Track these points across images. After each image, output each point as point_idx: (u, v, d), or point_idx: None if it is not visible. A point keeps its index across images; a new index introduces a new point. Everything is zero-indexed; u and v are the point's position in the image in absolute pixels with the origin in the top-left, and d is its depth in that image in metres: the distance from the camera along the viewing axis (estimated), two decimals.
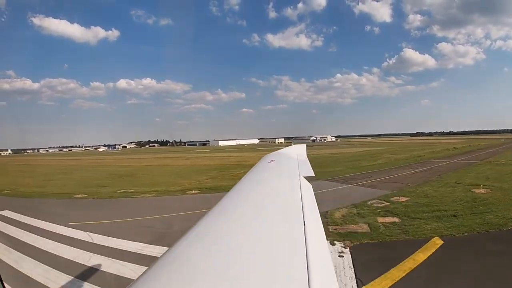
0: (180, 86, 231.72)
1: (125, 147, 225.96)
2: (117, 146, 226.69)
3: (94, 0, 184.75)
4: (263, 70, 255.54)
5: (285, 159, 3.36)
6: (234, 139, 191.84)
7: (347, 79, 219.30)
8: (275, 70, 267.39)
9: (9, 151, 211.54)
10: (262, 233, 1.21)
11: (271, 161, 3.12)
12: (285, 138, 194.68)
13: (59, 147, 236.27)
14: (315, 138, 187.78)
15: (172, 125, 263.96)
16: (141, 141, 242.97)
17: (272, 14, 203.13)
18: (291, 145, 6.79)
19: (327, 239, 1.27)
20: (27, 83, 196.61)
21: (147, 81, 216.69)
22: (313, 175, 2.47)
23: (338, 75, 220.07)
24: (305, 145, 5.09)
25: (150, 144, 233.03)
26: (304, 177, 2.19)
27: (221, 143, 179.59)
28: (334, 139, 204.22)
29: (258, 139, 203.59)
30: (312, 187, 2.01)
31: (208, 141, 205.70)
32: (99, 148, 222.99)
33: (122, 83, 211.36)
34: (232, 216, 1.45)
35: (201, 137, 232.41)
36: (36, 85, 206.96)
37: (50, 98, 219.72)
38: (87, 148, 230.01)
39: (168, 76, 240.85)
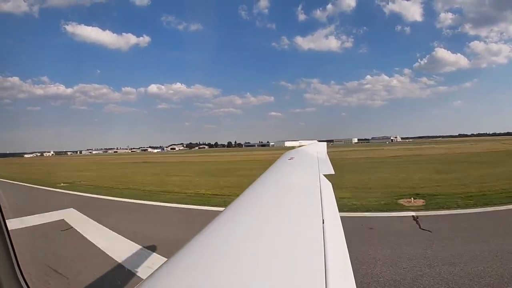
0: (210, 90, 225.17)
1: (174, 148, 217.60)
2: (165, 148, 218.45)
3: (126, 7, 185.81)
4: (292, 73, 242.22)
5: (304, 156, 3.26)
6: (297, 140, 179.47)
7: (378, 80, 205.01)
8: (304, 73, 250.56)
9: (52, 152, 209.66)
10: (280, 230, 1.18)
11: (291, 158, 3.02)
12: (360, 139, 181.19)
13: (103, 148, 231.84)
14: (393, 138, 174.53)
15: (201, 129, 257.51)
16: (182, 143, 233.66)
17: (301, 17, 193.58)
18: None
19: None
20: (61, 89, 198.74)
21: (177, 86, 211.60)
22: (333, 172, 2.31)
23: (368, 76, 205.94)
24: (325, 143, 4.48)
25: (200, 146, 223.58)
26: (324, 175, 2.09)
27: (287, 143, 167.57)
28: (400, 139, 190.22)
29: (320, 140, 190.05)
30: None
31: (263, 143, 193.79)
32: (146, 149, 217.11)
33: (153, 88, 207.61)
34: (250, 213, 1.45)
35: (230, 139, 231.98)
36: (69, 91, 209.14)
37: (83, 103, 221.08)
38: (133, 149, 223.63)
39: (198, 81, 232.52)
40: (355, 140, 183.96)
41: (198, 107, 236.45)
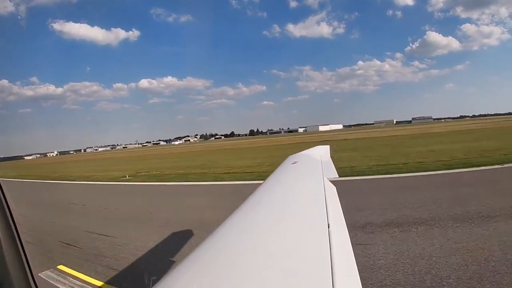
0: (202, 82, 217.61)
1: (188, 140, 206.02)
2: (178, 141, 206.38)
3: (113, 2, 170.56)
4: (284, 62, 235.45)
5: (308, 160, 3.19)
6: (327, 124, 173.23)
7: (370, 65, 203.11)
8: (296, 60, 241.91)
9: (56, 152, 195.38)
10: (286, 236, 1.20)
11: (295, 162, 2.98)
12: (398, 121, 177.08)
13: (110, 145, 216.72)
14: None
15: (195, 122, 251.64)
16: (187, 135, 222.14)
17: (293, 4, 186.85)
18: None
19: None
20: (51, 89, 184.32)
21: (168, 79, 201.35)
22: (337, 176, 2.38)
23: (360, 62, 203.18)
24: (328, 146, 4.31)
25: (216, 137, 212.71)
26: (328, 178, 2.12)
27: (321, 128, 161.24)
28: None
29: (351, 125, 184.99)
30: None
31: (282, 129, 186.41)
32: (158, 143, 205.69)
33: (144, 82, 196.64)
34: (255, 219, 1.45)
35: (225, 131, 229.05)
36: (59, 90, 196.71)
37: (75, 101, 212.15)
38: (144, 144, 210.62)
39: (189, 73, 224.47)
40: (394, 121, 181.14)
41: (191, 99, 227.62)
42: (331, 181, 2.00)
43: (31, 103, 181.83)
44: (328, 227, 1.16)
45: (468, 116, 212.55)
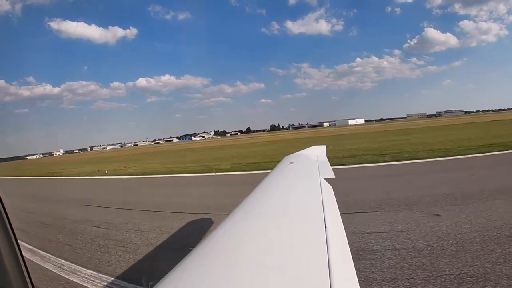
0: (200, 80, 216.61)
1: (203, 137, 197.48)
2: (192, 138, 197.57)
3: (111, 0, 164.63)
4: (283, 59, 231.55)
5: (305, 160, 3.20)
6: (354, 119, 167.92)
7: (368, 62, 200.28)
8: (295, 58, 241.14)
9: (61, 151, 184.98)
10: (283, 236, 1.20)
11: (291, 162, 2.98)
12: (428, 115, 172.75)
13: (119, 143, 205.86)
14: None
15: (192, 120, 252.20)
16: (200, 132, 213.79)
17: (292, 1, 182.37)
18: None
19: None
20: (48, 88, 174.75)
21: (166, 77, 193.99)
22: (334, 176, 2.30)
23: (358, 59, 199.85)
24: (324, 146, 4.19)
25: (232, 133, 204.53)
26: (325, 178, 2.10)
27: (350, 121, 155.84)
28: None
29: (379, 119, 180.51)
30: None
31: (301, 124, 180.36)
32: (171, 139, 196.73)
33: (142, 81, 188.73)
34: (253, 218, 1.46)
35: (224, 128, 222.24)
36: (56, 90, 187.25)
37: (71, 101, 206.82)
38: (157, 141, 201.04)
39: (187, 71, 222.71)
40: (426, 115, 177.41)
41: (188, 98, 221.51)
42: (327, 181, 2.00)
43: (28, 103, 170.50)
44: (325, 227, 1.15)
45: (472, 112, 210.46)
